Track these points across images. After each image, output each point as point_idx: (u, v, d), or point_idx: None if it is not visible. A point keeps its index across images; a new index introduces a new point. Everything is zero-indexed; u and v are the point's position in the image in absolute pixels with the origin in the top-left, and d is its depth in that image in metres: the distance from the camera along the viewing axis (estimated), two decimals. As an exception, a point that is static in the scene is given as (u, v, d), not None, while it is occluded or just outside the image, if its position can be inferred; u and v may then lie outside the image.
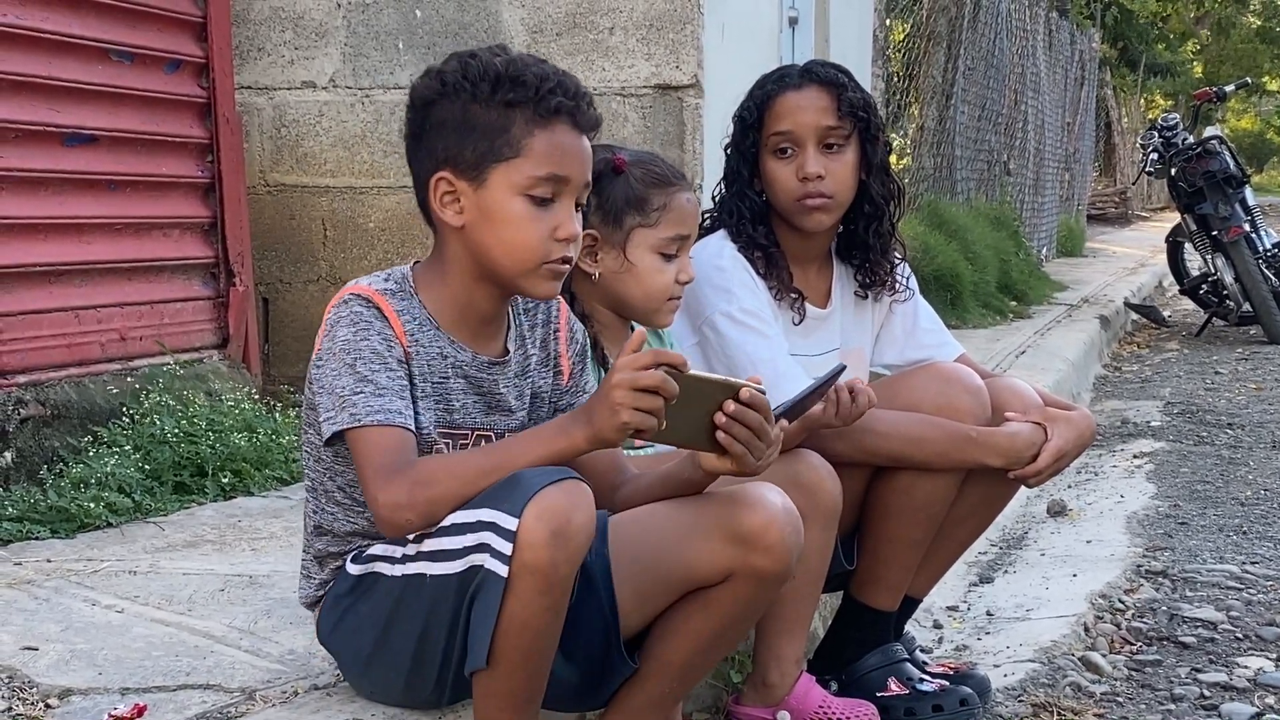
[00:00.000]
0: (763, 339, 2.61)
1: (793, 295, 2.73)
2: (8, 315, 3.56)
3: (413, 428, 1.96)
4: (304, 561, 2.17)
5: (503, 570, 1.81)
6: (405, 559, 1.95)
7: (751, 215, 2.73)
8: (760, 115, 2.71)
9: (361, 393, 1.93)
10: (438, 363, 2.04)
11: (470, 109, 1.98)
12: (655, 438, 1.89)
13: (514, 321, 2.15)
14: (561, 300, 2.20)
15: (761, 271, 2.71)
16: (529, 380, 2.15)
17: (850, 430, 2.55)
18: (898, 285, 2.85)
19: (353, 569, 2.05)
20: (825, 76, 2.70)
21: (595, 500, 2.09)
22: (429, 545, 1.90)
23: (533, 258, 2.01)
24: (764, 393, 1.93)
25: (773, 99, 2.70)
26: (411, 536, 1.93)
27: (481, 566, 1.83)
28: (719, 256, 2.69)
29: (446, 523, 1.88)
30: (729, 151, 2.77)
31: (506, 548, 1.81)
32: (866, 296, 2.85)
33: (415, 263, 2.11)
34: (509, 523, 1.81)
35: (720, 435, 1.91)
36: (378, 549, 2.02)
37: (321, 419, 1.98)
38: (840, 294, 2.84)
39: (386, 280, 2.05)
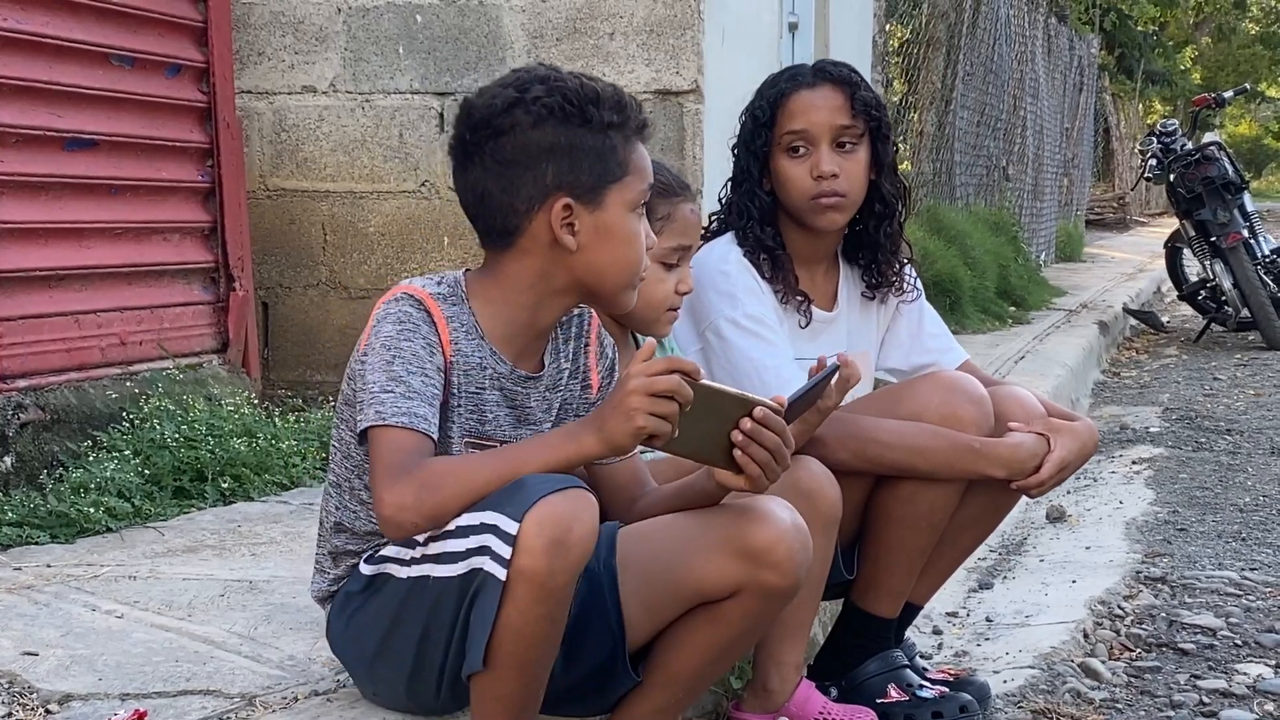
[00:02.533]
0: (768, 345, 2.61)
1: (799, 298, 2.73)
2: (8, 320, 3.56)
3: (434, 436, 1.95)
4: (318, 556, 2.17)
5: (501, 574, 1.82)
6: (413, 561, 1.95)
7: (760, 215, 2.72)
8: (772, 114, 2.70)
9: (391, 392, 1.93)
10: (476, 372, 2.04)
11: (576, 133, 1.98)
12: (667, 447, 1.89)
13: (552, 335, 2.16)
14: (594, 314, 2.21)
15: (768, 275, 2.70)
16: (559, 394, 2.16)
17: (854, 439, 2.54)
18: (905, 286, 2.85)
19: (365, 569, 2.05)
20: (838, 75, 2.70)
21: (615, 513, 2.11)
22: (434, 548, 1.90)
23: (638, 271, 2.07)
24: (780, 412, 1.93)
25: (786, 97, 2.70)
26: (421, 538, 1.93)
27: (481, 569, 1.84)
28: (724, 261, 2.69)
29: (452, 525, 1.88)
30: (738, 151, 2.76)
31: (506, 552, 1.81)
32: (874, 298, 2.84)
33: (466, 270, 2.10)
34: (510, 527, 1.81)
35: (737, 454, 1.92)
36: (390, 550, 2.02)
37: (360, 415, 1.96)
38: (846, 297, 2.83)
39: (439, 284, 2.04)
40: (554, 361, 2.14)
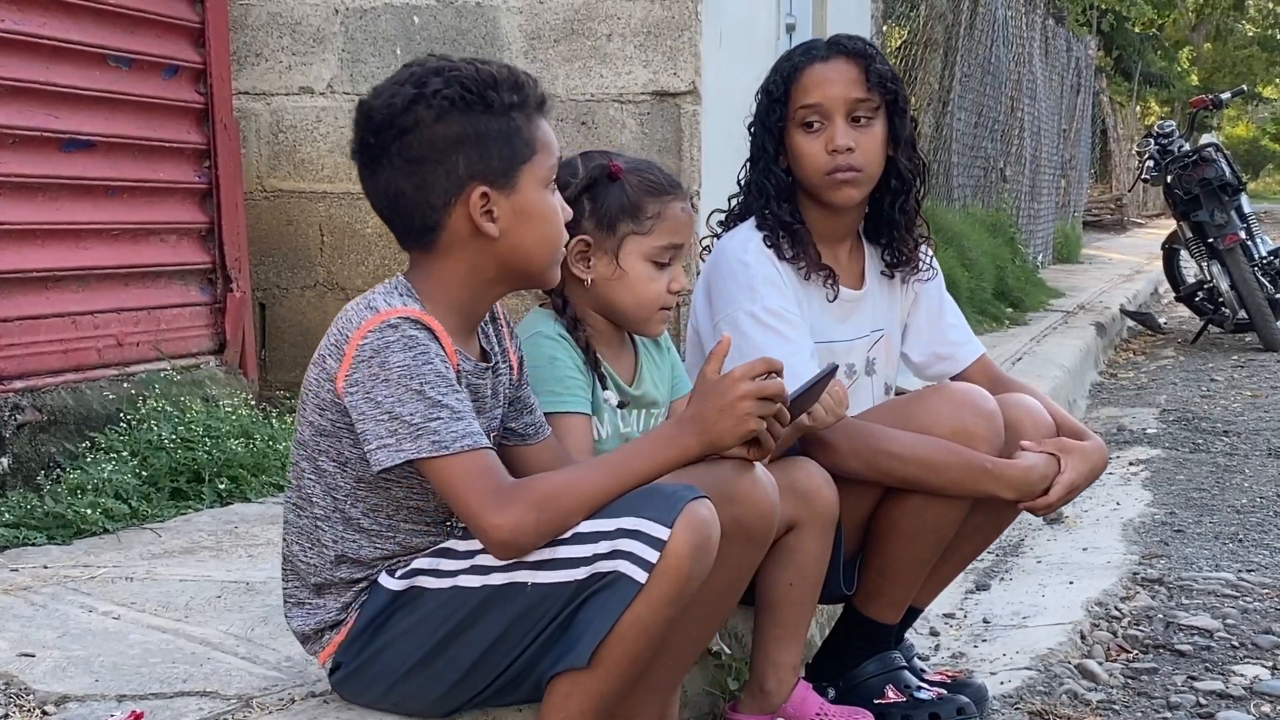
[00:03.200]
0: (784, 341, 2.58)
1: (823, 272, 2.70)
2: (5, 320, 3.56)
3: (492, 447, 1.98)
4: (291, 590, 2.12)
5: (640, 576, 1.86)
6: (486, 570, 1.95)
7: (776, 192, 2.69)
8: (787, 89, 2.67)
9: (439, 418, 1.91)
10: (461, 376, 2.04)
11: (480, 120, 1.98)
12: None
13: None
14: None
15: (789, 253, 2.67)
16: (500, 378, 2.16)
17: (867, 449, 2.53)
18: (921, 265, 2.83)
19: (391, 584, 2.02)
20: (853, 48, 2.67)
21: None
22: (535, 555, 1.92)
23: (559, 246, 2.09)
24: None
25: (799, 72, 2.67)
26: (479, 545, 1.95)
27: (613, 572, 1.87)
28: (744, 251, 2.66)
29: (567, 534, 1.91)
30: (754, 129, 2.73)
31: (651, 555, 1.86)
32: (893, 276, 2.82)
33: (401, 274, 2.08)
34: (658, 531, 1.86)
35: (762, 432, 2.02)
36: (423, 563, 2.01)
37: (372, 445, 1.93)
38: (873, 275, 2.81)
39: (405, 298, 2.00)
40: (490, 347, 2.16)
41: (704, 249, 2.79)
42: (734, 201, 2.80)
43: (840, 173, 2.64)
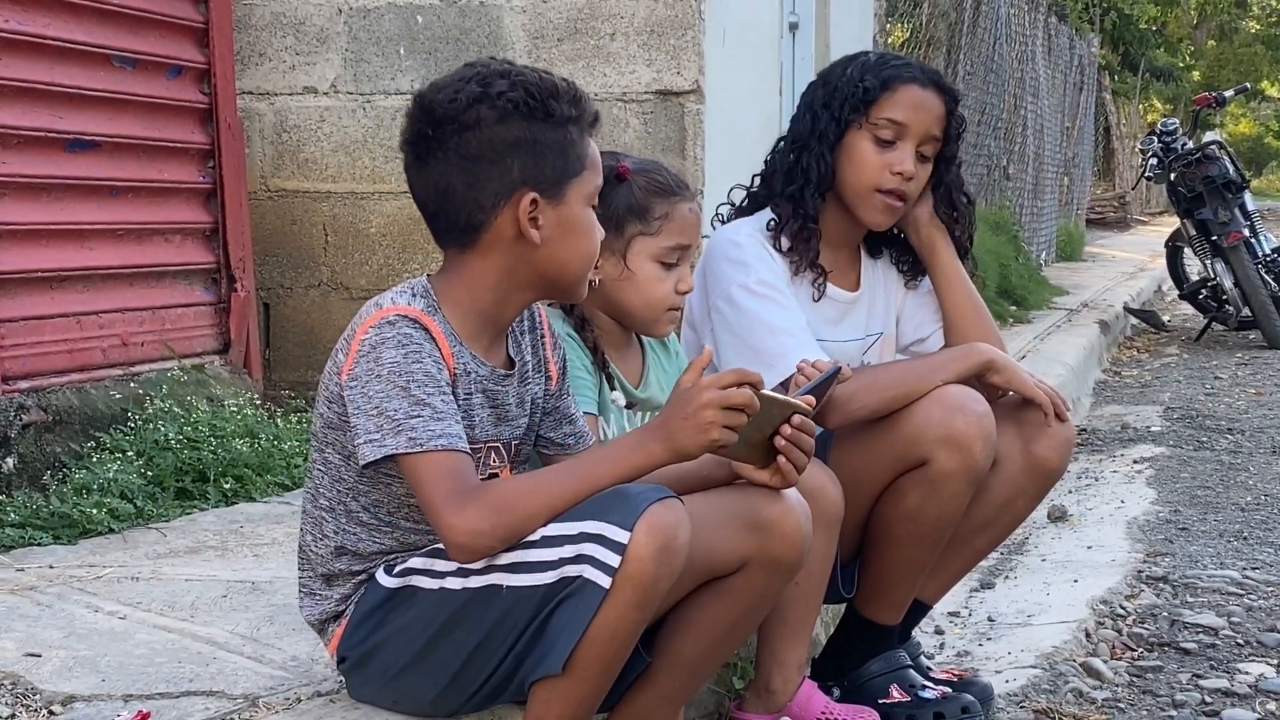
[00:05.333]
0: (780, 308, 2.59)
1: (815, 271, 2.70)
2: (10, 321, 3.56)
3: (470, 453, 1.97)
4: (304, 579, 2.14)
5: (604, 581, 1.85)
6: (466, 573, 1.95)
7: (818, 180, 2.66)
8: (877, 94, 2.66)
9: (419, 416, 1.92)
10: (462, 379, 2.05)
11: (540, 128, 1.99)
12: (718, 451, 1.98)
13: (510, 328, 2.17)
14: (539, 305, 2.23)
15: (785, 246, 2.68)
16: (528, 387, 2.17)
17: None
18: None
19: (387, 581, 2.04)
20: (945, 86, 2.71)
21: None
22: (507, 558, 1.92)
23: (592, 262, 2.10)
24: (809, 414, 2.03)
25: (894, 84, 2.66)
26: None
27: (579, 577, 1.86)
28: (736, 234, 2.68)
29: (535, 536, 1.90)
30: (814, 111, 2.70)
31: (612, 559, 1.85)
32: (911, 278, 2.83)
33: (427, 275, 2.10)
34: (619, 535, 1.85)
35: (780, 459, 2.03)
36: (417, 562, 2.02)
37: (360, 440, 1.95)
38: (869, 280, 2.80)
39: (415, 297, 2.02)
40: (519, 355, 2.16)
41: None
42: (754, 181, 2.79)
43: (890, 197, 2.65)
